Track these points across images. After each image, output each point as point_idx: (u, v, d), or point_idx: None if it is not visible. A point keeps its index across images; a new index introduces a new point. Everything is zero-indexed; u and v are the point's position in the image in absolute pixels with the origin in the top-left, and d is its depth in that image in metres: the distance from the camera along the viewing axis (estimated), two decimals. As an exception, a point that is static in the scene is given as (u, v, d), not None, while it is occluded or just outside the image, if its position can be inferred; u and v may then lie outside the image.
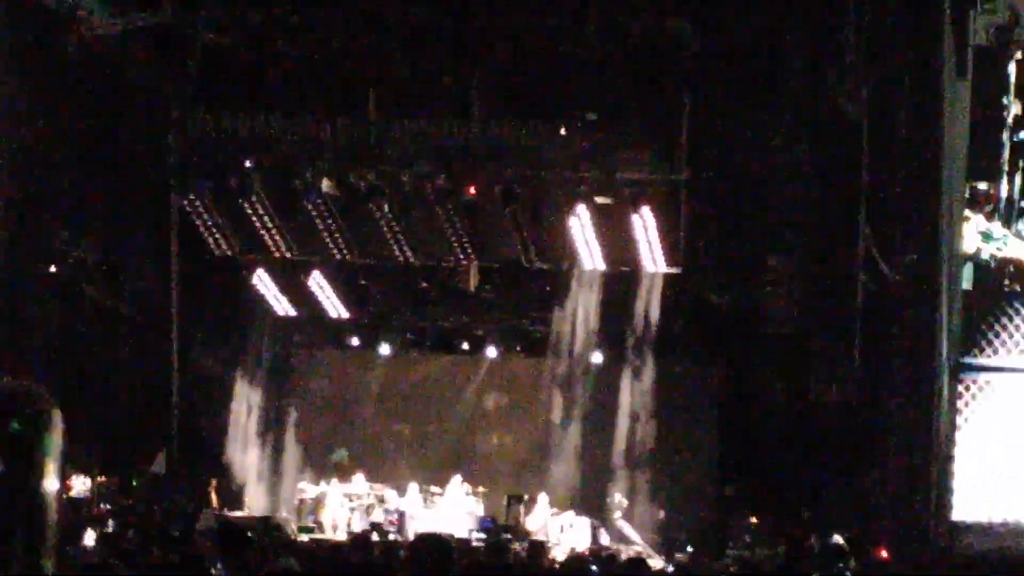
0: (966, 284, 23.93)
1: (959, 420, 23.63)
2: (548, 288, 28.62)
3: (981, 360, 23.93)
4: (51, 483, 6.65)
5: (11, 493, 6.53)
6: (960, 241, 23.72)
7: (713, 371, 28.74)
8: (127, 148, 26.41)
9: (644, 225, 25.86)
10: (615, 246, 26.62)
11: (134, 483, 26.81)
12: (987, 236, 23.68)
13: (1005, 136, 24.16)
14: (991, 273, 24.18)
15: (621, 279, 27.58)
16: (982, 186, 23.70)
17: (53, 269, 26.06)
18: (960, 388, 23.69)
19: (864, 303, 23.93)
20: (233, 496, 28.65)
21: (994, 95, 24.02)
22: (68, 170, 25.34)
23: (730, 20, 23.30)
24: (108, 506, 26.22)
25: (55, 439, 6.70)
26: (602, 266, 27.27)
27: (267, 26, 24.78)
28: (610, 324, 28.68)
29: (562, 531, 27.10)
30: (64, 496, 24.12)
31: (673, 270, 26.77)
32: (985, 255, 23.79)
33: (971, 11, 23.55)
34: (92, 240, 26.71)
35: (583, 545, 26.78)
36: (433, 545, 8.71)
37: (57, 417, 6.72)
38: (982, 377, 23.91)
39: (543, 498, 27.63)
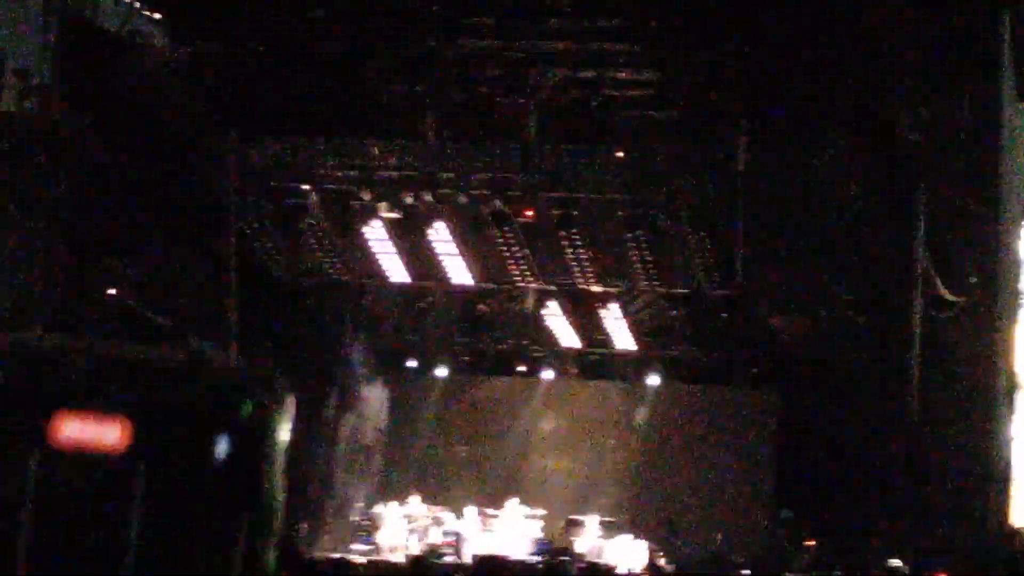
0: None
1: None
2: (605, 311, 28.60)
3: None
4: (279, 470, 6.41)
5: (239, 478, 6.28)
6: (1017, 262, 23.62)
7: (770, 395, 28.64)
8: (186, 172, 26.55)
9: (702, 248, 25.80)
10: (672, 269, 26.58)
11: None
12: None
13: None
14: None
15: (678, 302, 27.55)
16: None
17: (112, 291, 26.22)
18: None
19: (921, 326, 23.80)
20: (291, 521, 28.76)
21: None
22: (127, 194, 25.50)
23: (787, 42, 23.24)
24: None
25: (286, 426, 6.48)
26: (659, 288, 27.24)
27: (326, 52, 24.91)
28: (667, 347, 28.65)
29: (618, 554, 27.06)
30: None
31: (730, 293, 26.70)
32: None
33: (1031, 34, 23.46)
34: (151, 263, 26.87)
35: (639, 568, 26.75)
36: (492, 567, 8.65)
37: (291, 403, 6.48)
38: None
39: (592, 520, 27.60)
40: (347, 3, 24.14)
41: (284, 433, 6.36)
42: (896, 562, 22.82)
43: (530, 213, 26.36)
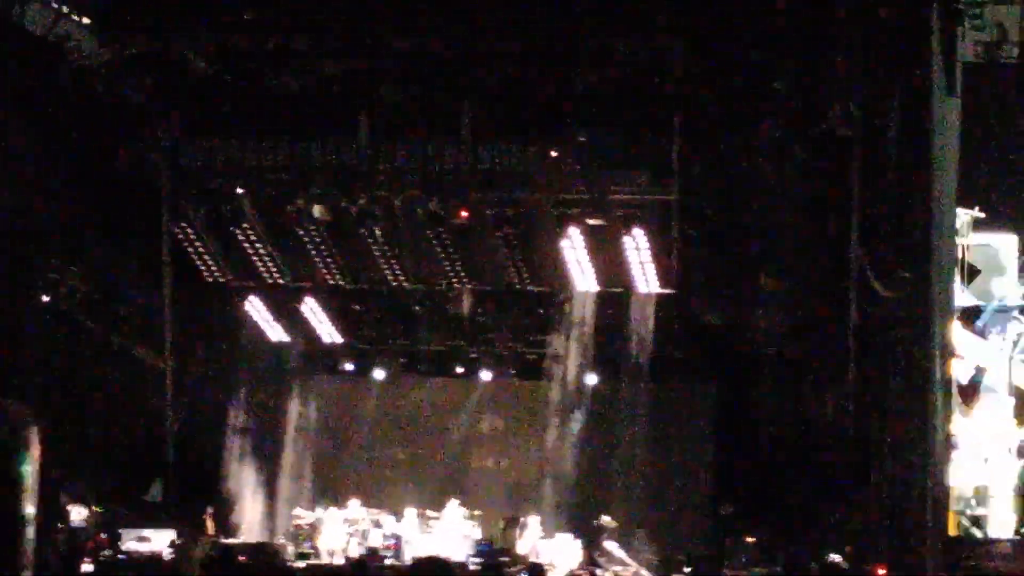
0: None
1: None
2: (541, 311, 28.59)
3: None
4: (28, 503, 6.56)
5: None
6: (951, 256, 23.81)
7: (708, 391, 28.69)
8: (119, 176, 26.37)
9: (637, 246, 25.85)
10: (608, 267, 26.61)
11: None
12: None
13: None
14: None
15: (614, 300, 27.56)
16: None
17: (46, 298, 26.01)
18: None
19: (857, 320, 23.91)
20: (229, 523, 28.59)
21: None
22: (60, 198, 25.30)
23: (720, 39, 23.30)
24: (105, 535, 26.13)
25: (31, 457, 6.63)
26: (595, 288, 27.26)
27: (257, 52, 24.77)
28: (604, 346, 28.64)
29: (556, 553, 27.07)
30: (62, 526, 24.09)
31: (666, 291, 26.76)
32: None
33: (959, 28, 23.61)
34: (85, 268, 26.68)
35: (577, 567, 26.78)
36: (433, 569, 8.58)
37: (34, 435, 6.63)
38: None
39: (534, 520, 27.63)
40: (280, 3, 24.02)
41: (29, 464, 6.69)
42: (836, 557, 22.95)
43: (465, 214, 26.31)
